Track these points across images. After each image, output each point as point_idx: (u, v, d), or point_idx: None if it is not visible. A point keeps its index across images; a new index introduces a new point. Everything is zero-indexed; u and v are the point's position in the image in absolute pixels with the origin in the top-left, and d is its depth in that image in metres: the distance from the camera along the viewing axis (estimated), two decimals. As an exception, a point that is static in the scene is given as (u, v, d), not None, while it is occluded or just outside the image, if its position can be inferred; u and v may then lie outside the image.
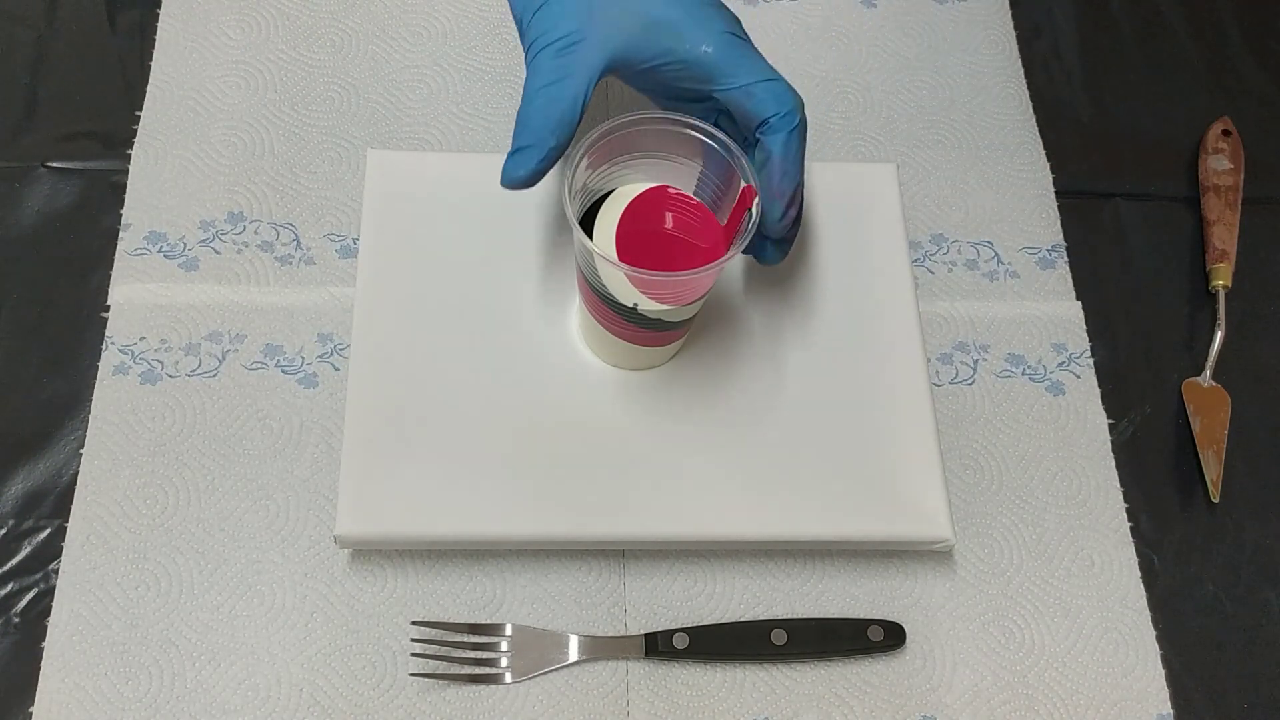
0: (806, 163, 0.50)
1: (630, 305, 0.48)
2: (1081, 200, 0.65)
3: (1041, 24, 0.71)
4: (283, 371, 0.56)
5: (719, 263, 0.46)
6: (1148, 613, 0.55)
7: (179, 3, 0.66)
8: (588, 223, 0.49)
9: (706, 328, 0.57)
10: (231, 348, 0.57)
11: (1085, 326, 0.61)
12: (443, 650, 0.50)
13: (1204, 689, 0.53)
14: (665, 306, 0.49)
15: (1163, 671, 0.53)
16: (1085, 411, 0.59)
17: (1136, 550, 0.56)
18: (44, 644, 0.50)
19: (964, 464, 0.57)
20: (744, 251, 0.50)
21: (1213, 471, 0.58)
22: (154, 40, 0.64)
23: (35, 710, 0.49)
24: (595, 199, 0.50)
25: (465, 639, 0.51)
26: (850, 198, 0.61)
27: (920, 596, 0.54)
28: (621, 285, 0.47)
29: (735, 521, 0.52)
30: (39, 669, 0.49)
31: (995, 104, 0.68)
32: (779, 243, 0.52)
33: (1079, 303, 0.62)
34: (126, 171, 0.61)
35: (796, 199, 0.50)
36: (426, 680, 0.50)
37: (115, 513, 0.52)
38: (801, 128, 0.49)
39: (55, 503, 0.53)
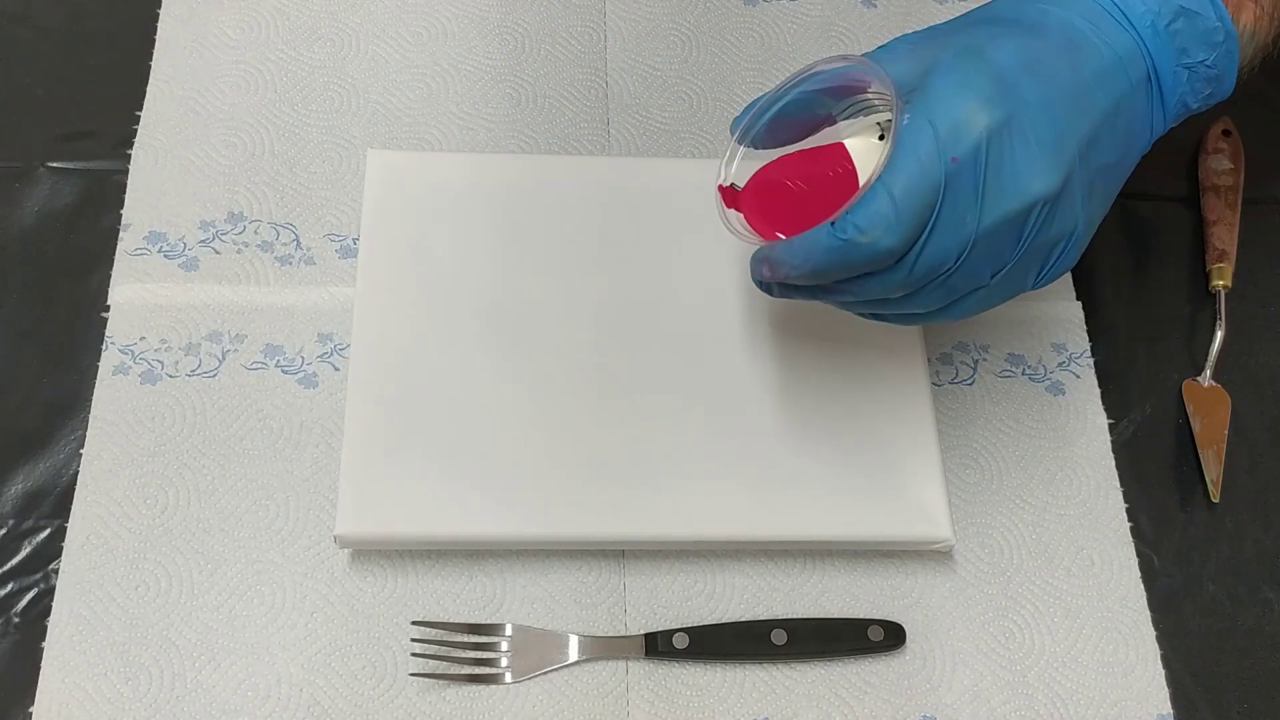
0: None
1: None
2: (1081, 200, 0.65)
3: (1041, 24, 0.71)
4: (283, 371, 0.56)
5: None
6: (1148, 613, 0.55)
7: (179, 3, 0.66)
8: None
9: (706, 327, 0.57)
10: (231, 348, 0.57)
11: (1085, 326, 0.61)
12: (443, 650, 0.50)
13: (1204, 689, 0.53)
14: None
15: (1163, 671, 0.53)
16: (1085, 411, 0.59)
17: (1136, 550, 0.56)
18: (44, 644, 0.50)
19: (964, 464, 0.57)
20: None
21: (1213, 471, 0.58)
22: (154, 40, 0.64)
23: (35, 710, 0.49)
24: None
25: (465, 639, 0.51)
26: (850, 198, 0.61)
27: (920, 596, 0.54)
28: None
29: (735, 521, 0.53)
30: (39, 669, 0.49)
31: (995, 104, 0.68)
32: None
33: (1079, 303, 0.62)
34: (126, 171, 0.60)
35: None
36: (426, 680, 0.50)
37: (115, 513, 0.52)
38: None
39: (55, 503, 0.53)
